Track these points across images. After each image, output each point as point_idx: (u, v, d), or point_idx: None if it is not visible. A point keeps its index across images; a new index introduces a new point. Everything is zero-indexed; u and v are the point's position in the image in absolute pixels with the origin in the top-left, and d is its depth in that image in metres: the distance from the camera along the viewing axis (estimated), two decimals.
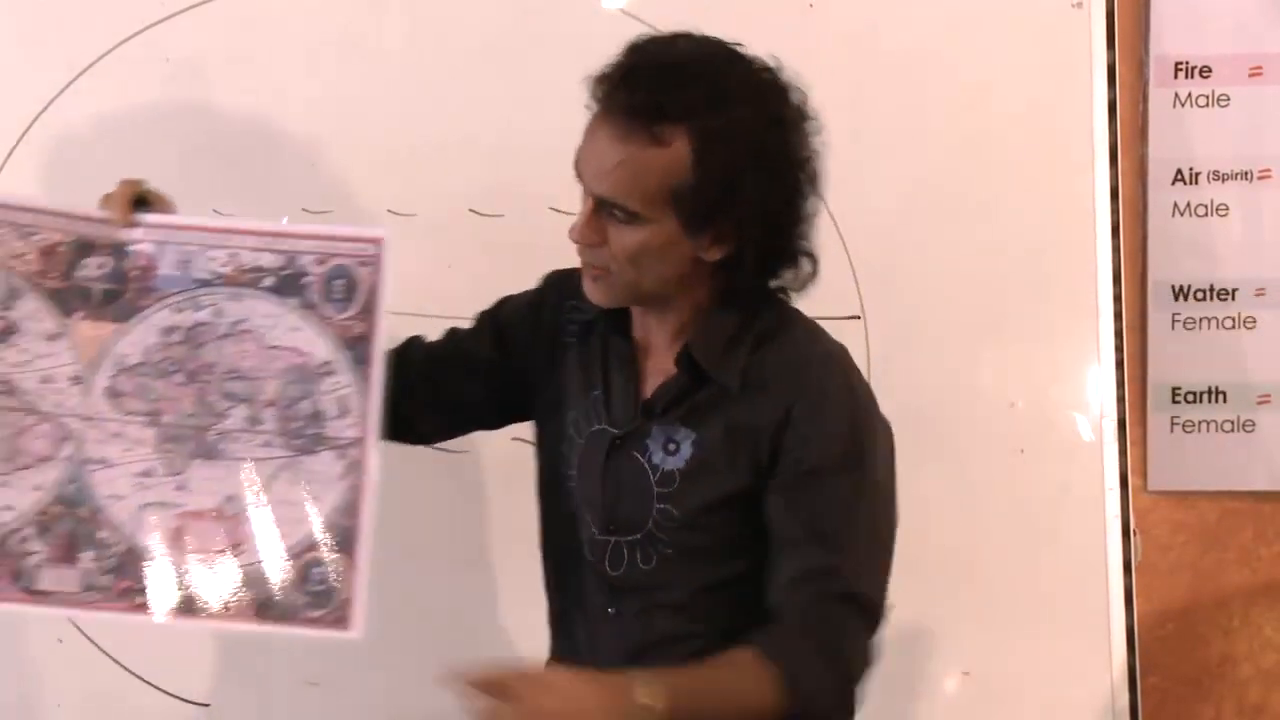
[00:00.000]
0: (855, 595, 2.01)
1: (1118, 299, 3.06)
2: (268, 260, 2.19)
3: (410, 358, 2.30)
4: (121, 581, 2.14)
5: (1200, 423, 3.31)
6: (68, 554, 2.14)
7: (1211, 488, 3.36)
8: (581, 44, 2.91)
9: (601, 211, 2.00)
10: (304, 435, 2.16)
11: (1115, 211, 3.06)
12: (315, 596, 2.13)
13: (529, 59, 2.92)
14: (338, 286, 2.17)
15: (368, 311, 2.16)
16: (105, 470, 2.16)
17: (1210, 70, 3.24)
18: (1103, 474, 3.07)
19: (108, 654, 2.82)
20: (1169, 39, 3.23)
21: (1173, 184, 3.27)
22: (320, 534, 2.14)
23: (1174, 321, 3.30)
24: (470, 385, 2.31)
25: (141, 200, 2.21)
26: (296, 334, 2.17)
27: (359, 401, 2.15)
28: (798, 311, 2.14)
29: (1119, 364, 3.07)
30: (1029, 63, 3.03)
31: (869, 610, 2.03)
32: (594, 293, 2.09)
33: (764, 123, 1.96)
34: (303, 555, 2.14)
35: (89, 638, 2.80)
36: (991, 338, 3.01)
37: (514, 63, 2.91)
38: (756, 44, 2.93)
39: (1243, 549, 3.40)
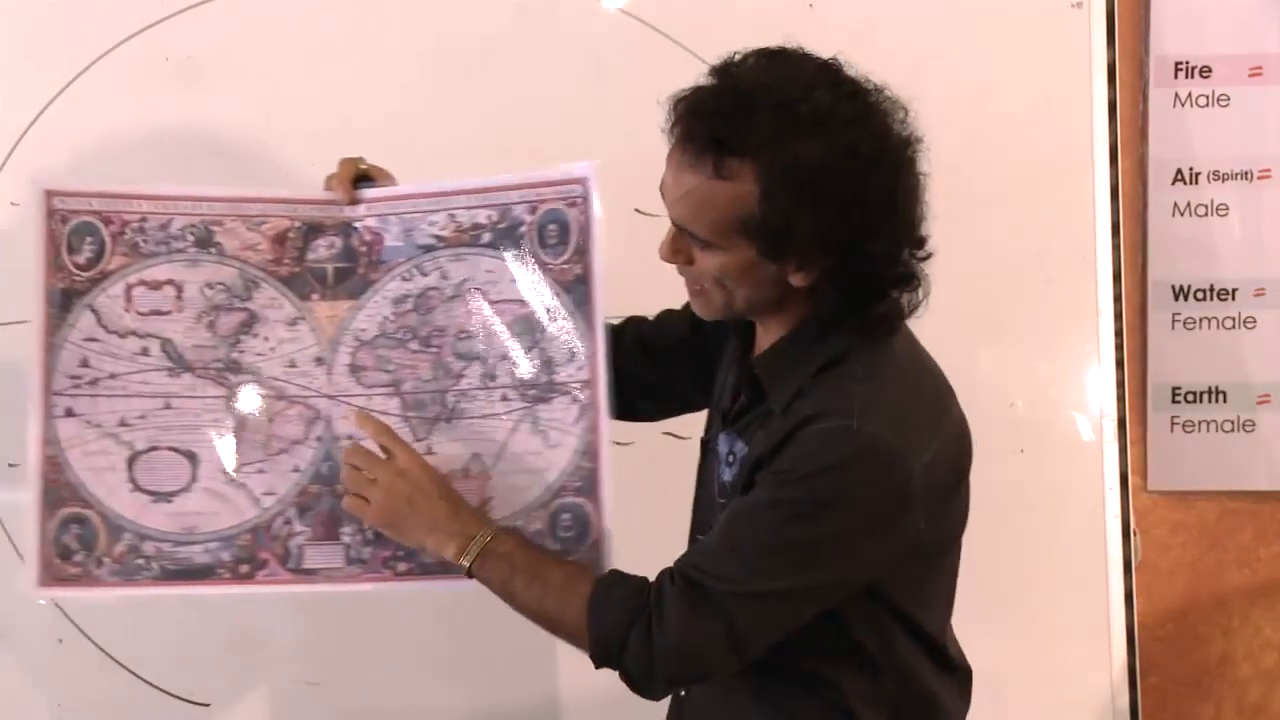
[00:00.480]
0: (684, 570, 1.97)
1: (1118, 299, 3.06)
2: (483, 216, 2.23)
3: (625, 333, 2.34)
4: (381, 551, 2.19)
5: (1200, 423, 3.31)
6: (330, 531, 2.20)
7: (1211, 488, 3.36)
8: (582, 44, 2.95)
9: (683, 234, 1.98)
10: (537, 385, 2.20)
11: (1115, 211, 3.06)
12: (566, 542, 2.18)
13: (529, 60, 2.92)
14: (551, 232, 2.21)
15: (582, 252, 2.19)
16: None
17: (1210, 70, 3.24)
18: (1103, 474, 3.08)
19: (109, 654, 2.82)
20: (1169, 39, 3.23)
21: (1173, 184, 3.27)
22: (564, 479, 2.18)
23: (1174, 321, 3.29)
24: (672, 364, 2.33)
25: (362, 176, 2.27)
26: (518, 285, 2.21)
27: (585, 344, 2.19)
28: (888, 342, 2.04)
29: (1119, 364, 3.07)
30: (1029, 63, 3.03)
31: (685, 584, 1.95)
32: (696, 307, 2.08)
33: (830, 156, 1.87)
34: (550, 503, 2.18)
35: (90, 638, 2.81)
36: (991, 338, 3.01)
37: (514, 63, 2.91)
38: (757, 43, 2.95)
39: (1242, 549, 3.40)
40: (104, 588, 2.18)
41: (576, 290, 2.19)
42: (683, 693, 2.23)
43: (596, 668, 2.02)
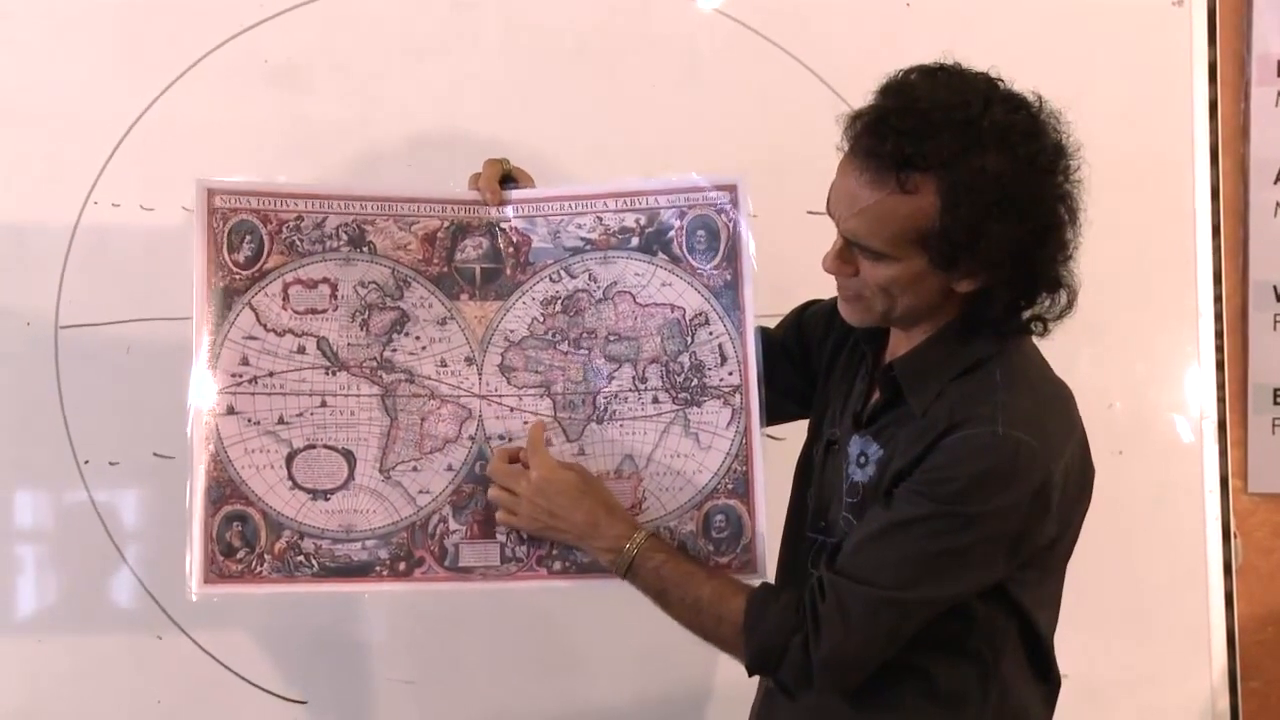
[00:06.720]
0: (835, 585, 2.00)
1: (1218, 299, 3.04)
2: (631, 220, 2.28)
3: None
4: (537, 550, 2.23)
5: None
6: (485, 529, 2.23)
7: None
8: (676, 44, 2.95)
9: (852, 246, 2.02)
10: (688, 388, 2.25)
11: (1216, 211, 3.04)
12: (720, 543, 2.22)
13: (624, 59, 2.92)
14: (700, 237, 2.26)
15: (732, 258, 2.25)
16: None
17: None
18: (1202, 476, 3.05)
19: (206, 651, 2.84)
20: (1271, 37, 3.20)
21: (1274, 183, 3.24)
22: (717, 481, 2.23)
23: (1275, 322, 3.26)
24: (782, 369, 2.35)
25: (507, 177, 2.31)
26: (668, 289, 2.27)
27: (736, 347, 2.24)
28: (1022, 350, 2.09)
29: (1219, 364, 3.05)
30: (1129, 61, 3.01)
31: (837, 599, 1.99)
32: (848, 314, 2.12)
33: (1014, 167, 1.93)
34: (704, 505, 2.23)
35: (188, 635, 2.83)
36: (1090, 338, 2.98)
37: (609, 63, 2.92)
38: (854, 43, 2.96)
39: None
40: (265, 585, 2.21)
41: (726, 295, 2.25)
42: (770, 685, 2.26)
43: (750, 676, 2.10)
